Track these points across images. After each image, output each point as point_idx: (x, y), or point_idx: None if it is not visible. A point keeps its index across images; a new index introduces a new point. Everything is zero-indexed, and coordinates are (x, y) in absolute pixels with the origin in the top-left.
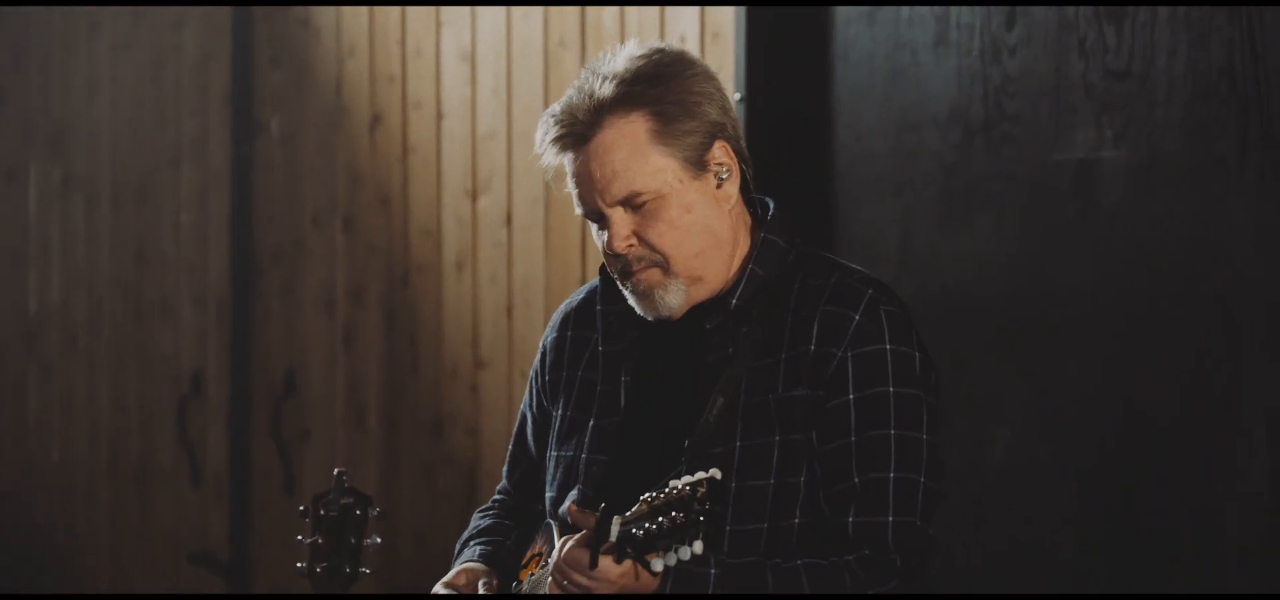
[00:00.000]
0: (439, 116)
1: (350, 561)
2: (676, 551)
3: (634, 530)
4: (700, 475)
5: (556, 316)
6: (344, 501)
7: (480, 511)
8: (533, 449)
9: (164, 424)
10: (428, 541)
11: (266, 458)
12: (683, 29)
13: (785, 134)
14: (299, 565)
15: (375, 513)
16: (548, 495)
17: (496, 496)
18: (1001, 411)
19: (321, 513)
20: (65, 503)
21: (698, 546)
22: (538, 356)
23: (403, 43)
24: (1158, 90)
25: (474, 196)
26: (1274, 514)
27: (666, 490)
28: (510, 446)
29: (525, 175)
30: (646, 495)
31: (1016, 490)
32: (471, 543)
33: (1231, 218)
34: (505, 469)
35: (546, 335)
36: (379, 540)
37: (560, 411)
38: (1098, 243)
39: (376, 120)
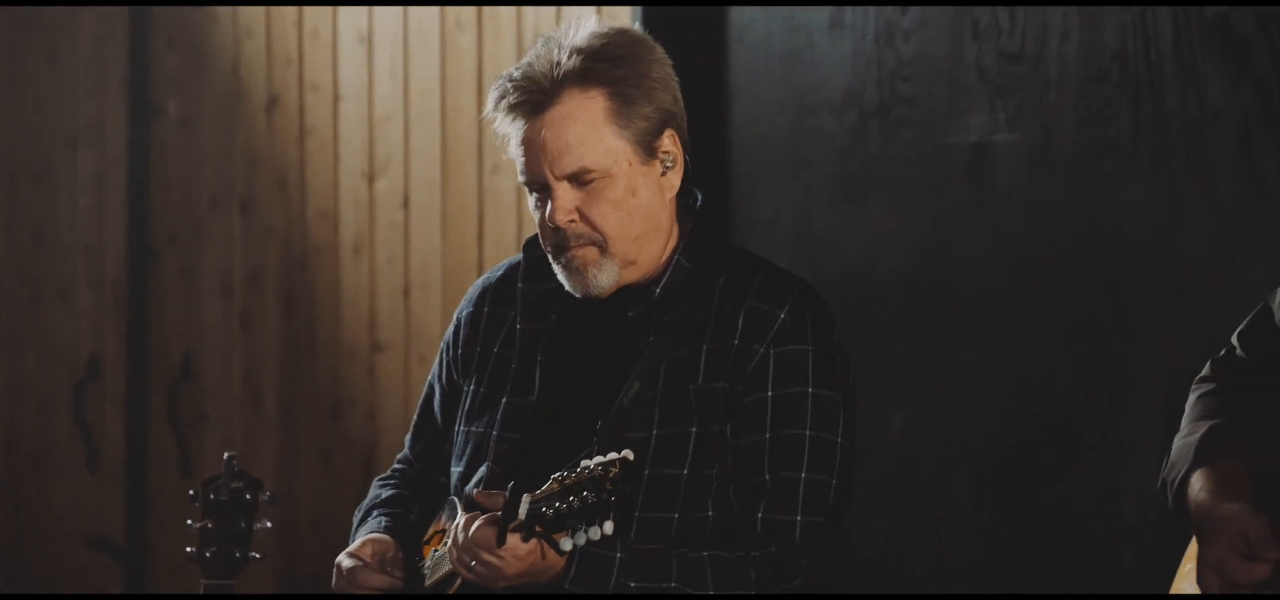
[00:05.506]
0: (336, 99)
1: (240, 546)
2: (586, 531)
3: (544, 508)
4: (613, 456)
5: (474, 290)
6: (234, 486)
7: (380, 480)
8: (439, 420)
9: (60, 408)
10: (326, 525)
11: (164, 442)
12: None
13: None
14: (189, 550)
15: (265, 497)
16: (454, 470)
17: (397, 466)
18: (898, 393)
19: (211, 497)
20: None
21: (608, 526)
22: (451, 328)
23: (299, 24)
24: (1051, 74)
25: (371, 179)
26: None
27: (578, 469)
28: (415, 416)
29: (422, 158)
30: (558, 474)
31: (913, 471)
32: (374, 513)
33: (1124, 200)
34: (408, 438)
35: (462, 308)
36: (270, 524)
37: (472, 387)
38: (992, 225)
39: (273, 102)
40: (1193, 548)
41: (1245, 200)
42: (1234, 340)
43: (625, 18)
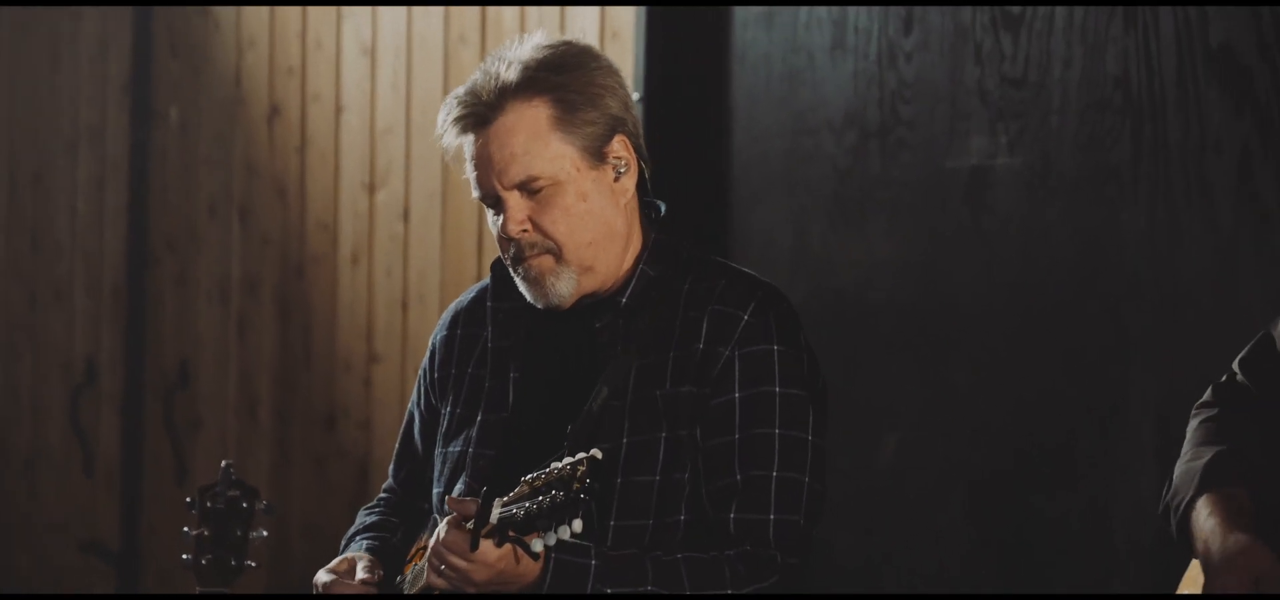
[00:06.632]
0: (338, 110)
1: (236, 554)
2: (556, 531)
3: (514, 510)
4: (580, 455)
5: (446, 315)
6: (231, 494)
7: (366, 509)
8: (420, 446)
9: (57, 412)
10: (319, 534)
11: (159, 448)
12: (583, 27)
13: (683, 134)
14: (184, 557)
15: (262, 506)
16: (435, 491)
17: (382, 494)
18: (892, 414)
19: (208, 505)
20: None
21: (577, 525)
22: (427, 354)
23: (303, 35)
24: (1053, 99)
25: (371, 190)
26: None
27: (547, 471)
28: (397, 444)
29: (423, 169)
30: (527, 477)
31: (906, 491)
32: (357, 538)
33: (1123, 227)
34: (392, 466)
35: (436, 334)
36: (265, 533)
37: (449, 409)
38: (990, 249)
39: (275, 112)
40: (1190, 572)
41: (1244, 228)
42: (1235, 367)
43: (628, 33)
